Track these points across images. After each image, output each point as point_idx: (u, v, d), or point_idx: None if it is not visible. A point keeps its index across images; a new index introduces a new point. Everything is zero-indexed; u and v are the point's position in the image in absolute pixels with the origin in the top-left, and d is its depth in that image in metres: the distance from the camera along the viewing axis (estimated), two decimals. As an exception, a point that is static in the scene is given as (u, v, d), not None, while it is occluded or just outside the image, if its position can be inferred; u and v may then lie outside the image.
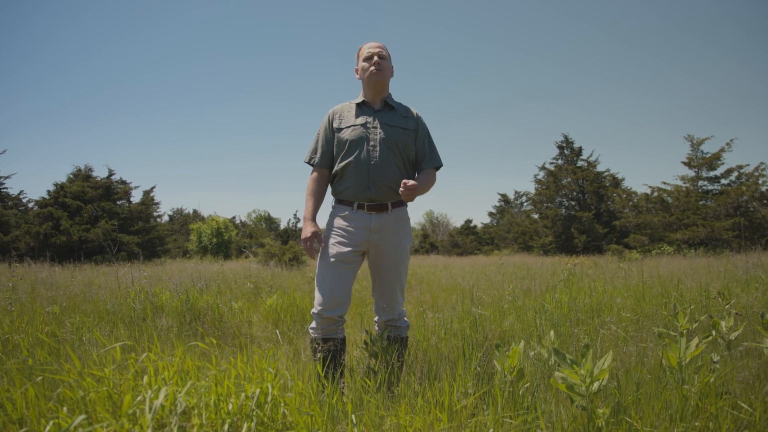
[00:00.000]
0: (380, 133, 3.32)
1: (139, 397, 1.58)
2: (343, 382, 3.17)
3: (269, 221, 62.23)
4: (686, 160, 28.66)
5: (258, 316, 6.26)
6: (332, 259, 3.28)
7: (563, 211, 35.46)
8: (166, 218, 52.82)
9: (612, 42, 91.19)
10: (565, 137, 36.83)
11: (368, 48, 3.44)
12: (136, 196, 31.81)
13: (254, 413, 1.61)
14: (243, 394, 1.65)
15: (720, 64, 68.59)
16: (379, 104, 3.45)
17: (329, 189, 3.55)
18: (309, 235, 3.33)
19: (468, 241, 44.34)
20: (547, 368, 3.05)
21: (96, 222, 27.26)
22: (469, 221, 49.04)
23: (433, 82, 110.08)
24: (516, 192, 50.47)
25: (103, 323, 4.82)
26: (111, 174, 30.38)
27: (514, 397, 2.50)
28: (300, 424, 1.76)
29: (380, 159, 3.28)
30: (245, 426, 1.55)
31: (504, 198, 50.93)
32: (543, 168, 37.24)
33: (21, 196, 31.75)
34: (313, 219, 3.43)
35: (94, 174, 30.05)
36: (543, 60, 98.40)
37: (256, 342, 4.94)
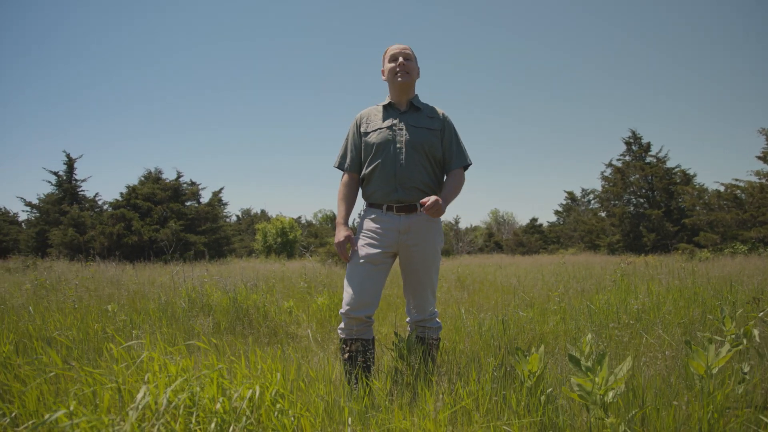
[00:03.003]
0: (406, 135, 3.30)
1: (139, 395, 1.64)
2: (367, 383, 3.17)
3: (334, 221, 62.87)
4: (761, 155, 27.25)
5: (307, 315, 6.33)
6: (361, 260, 3.29)
7: (631, 208, 34.41)
8: (233, 218, 54.18)
9: (680, 34, 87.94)
10: (633, 133, 35.72)
11: (393, 49, 3.43)
12: (205, 197, 32.74)
13: (244, 415, 1.63)
14: (236, 395, 1.68)
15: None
16: (405, 106, 3.43)
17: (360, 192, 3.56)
18: (342, 239, 3.34)
19: (533, 240, 43.66)
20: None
21: (165, 222, 28.22)
22: (534, 220, 48.24)
23: (499, 81, 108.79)
24: (583, 189, 49.27)
25: (151, 321, 4.99)
26: (179, 176, 31.41)
27: (529, 403, 2.45)
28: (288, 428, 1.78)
29: (406, 161, 3.27)
30: (231, 428, 1.57)
31: (571, 196, 49.81)
32: (610, 165, 36.25)
33: (96, 199, 33.27)
34: (346, 223, 3.44)
35: (164, 176, 31.13)
36: (609, 55, 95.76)
37: (297, 341, 4.99)
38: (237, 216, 57.66)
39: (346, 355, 3.24)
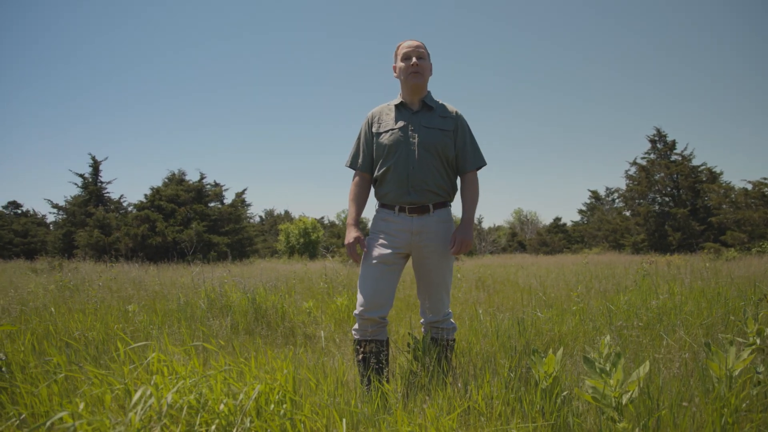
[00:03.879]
0: (418, 136, 3.26)
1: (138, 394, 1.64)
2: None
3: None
4: (790, 152, 26.74)
5: (326, 316, 6.33)
6: (374, 261, 3.27)
7: (656, 207, 33.99)
8: (257, 219, 54.57)
9: (706, 30, 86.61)
10: (658, 131, 35.28)
11: (406, 47, 3.36)
12: (229, 198, 32.99)
13: (248, 416, 1.63)
14: (241, 395, 1.68)
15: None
16: (417, 105, 3.37)
17: (372, 192, 3.53)
18: (351, 240, 3.32)
19: (556, 239, 43.38)
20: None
21: (189, 224, 28.48)
22: (557, 219, 47.93)
23: (523, 80, 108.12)
24: (607, 188, 48.83)
25: (170, 321, 5.03)
26: (202, 177, 31.69)
27: (543, 406, 2.41)
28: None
29: (419, 163, 3.23)
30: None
31: (594, 195, 49.35)
32: (634, 163, 35.86)
33: (121, 200, 33.73)
34: (356, 224, 3.41)
35: (187, 178, 31.42)
36: (633, 53, 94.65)
37: (315, 342, 4.99)
38: (260, 217, 58.17)
39: (360, 356, 3.23)
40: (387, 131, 3.33)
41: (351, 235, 3.34)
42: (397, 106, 3.40)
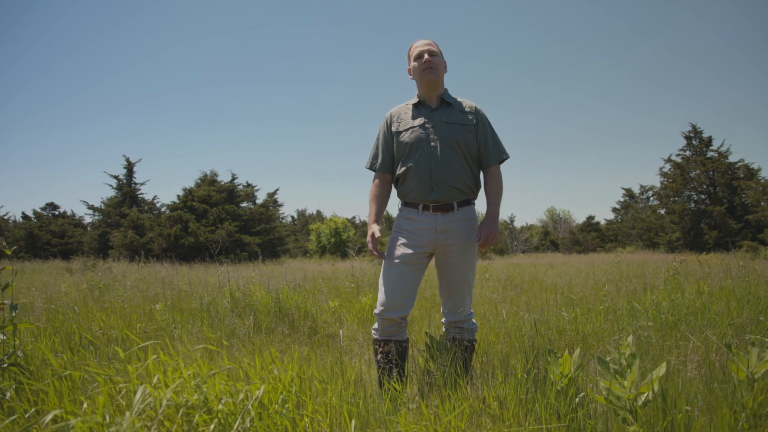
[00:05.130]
0: (439, 132, 3.24)
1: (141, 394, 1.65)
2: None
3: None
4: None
5: (351, 315, 6.33)
6: (396, 260, 3.25)
7: (692, 205, 33.36)
8: (288, 219, 54.97)
9: (740, 24, 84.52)
10: (693, 127, 34.61)
11: (418, 46, 3.36)
12: (261, 199, 33.26)
13: (249, 416, 1.62)
14: (241, 395, 1.67)
15: None
16: (435, 102, 3.35)
17: (394, 191, 3.51)
18: (372, 237, 3.32)
19: (589, 238, 42.88)
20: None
21: (220, 224, 28.81)
22: (591, 218, 47.34)
23: (556, 77, 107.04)
24: (641, 186, 48.12)
25: (193, 320, 5.07)
26: (234, 178, 32.02)
27: (559, 408, 2.35)
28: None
29: (442, 160, 3.21)
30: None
31: (628, 192, 48.67)
32: (669, 160, 35.24)
33: (155, 201, 34.27)
34: (377, 221, 3.40)
35: (219, 179, 31.77)
36: (667, 47, 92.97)
37: (337, 341, 4.99)
38: (292, 217, 58.55)
39: (379, 356, 3.21)
40: (407, 129, 3.31)
41: (371, 231, 3.33)
42: (415, 105, 3.39)
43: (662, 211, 36.02)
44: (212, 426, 1.57)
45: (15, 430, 1.82)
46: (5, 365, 2.33)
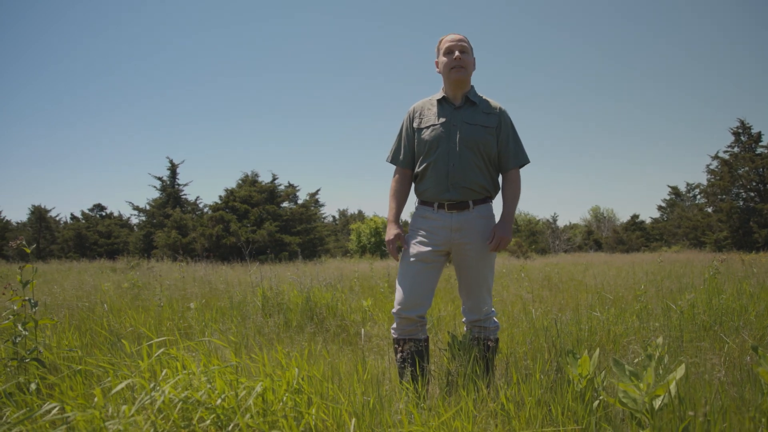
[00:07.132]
0: (460, 133, 3.19)
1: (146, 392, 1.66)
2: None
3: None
4: None
5: (382, 314, 6.32)
6: (412, 259, 3.23)
7: (740, 203, 32.40)
8: (329, 219, 55.34)
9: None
10: (742, 122, 33.63)
11: (448, 41, 3.29)
12: (302, 199, 33.56)
13: (249, 412, 1.61)
14: (242, 391, 1.67)
15: None
16: (460, 100, 3.30)
17: (413, 188, 3.48)
18: (392, 237, 3.31)
19: (634, 237, 41.97)
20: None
21: (261, 224, 29.16)
22: (635, 216, 46.28)
23: (600, 74, 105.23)
24: (688, 184, 46.85)
25: (223, 319, 5.13)
26: (275, 178, 32.37)
27: (576, 410, 2.29)
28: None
29: (460, 161, 3.17)
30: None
31: (675, 191, 47.46)
32: (716, 157, 34.34)
33: (197, 202, 34.91)
34: (396, 221, 3.38)
35: (260, 179, 32.15)
36: (714, 42, 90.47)
37: (367, 340, 4.98)
38: (333, 217, 58.87)
39: (399, 355, 3.19)
40: (428, 127, 3.28)
41: (391, 231, 3.32)
42: (439, 101, 3.34)
43: (709, 210, 35.11)
44: (208, 421, 1.57)
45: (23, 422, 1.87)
46: (26, 360, 2.39)
